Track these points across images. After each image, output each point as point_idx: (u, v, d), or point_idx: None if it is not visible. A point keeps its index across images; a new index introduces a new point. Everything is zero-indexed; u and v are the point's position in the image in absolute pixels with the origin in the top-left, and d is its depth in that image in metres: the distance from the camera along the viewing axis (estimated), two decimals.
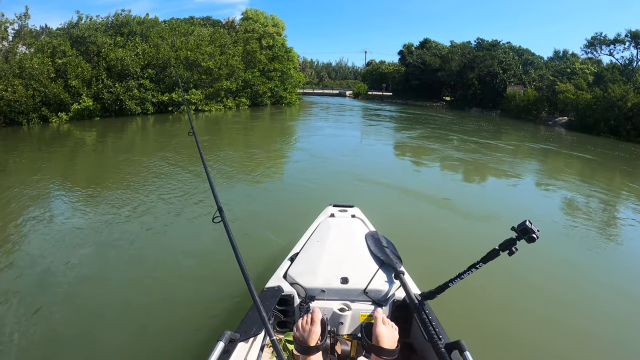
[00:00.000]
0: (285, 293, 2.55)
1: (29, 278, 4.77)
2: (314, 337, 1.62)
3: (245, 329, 2.15)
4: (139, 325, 3.81)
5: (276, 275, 2.77)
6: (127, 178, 9.72)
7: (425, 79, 44.95)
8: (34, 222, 6.78)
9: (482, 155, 14.57)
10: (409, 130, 21.36)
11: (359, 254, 2.90)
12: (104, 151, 15.00)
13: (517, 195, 9.61)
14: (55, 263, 5.14)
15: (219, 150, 14.20)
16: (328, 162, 11.82)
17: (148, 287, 4.54)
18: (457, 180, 10.57)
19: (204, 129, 21.50)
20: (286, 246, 4.53)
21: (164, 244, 5.79)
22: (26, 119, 20.83)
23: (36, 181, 9.54)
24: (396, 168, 11.93)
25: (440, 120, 26.97)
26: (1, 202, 7.92)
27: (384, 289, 2.52)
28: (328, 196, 7.09)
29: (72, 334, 3.72)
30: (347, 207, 4.04)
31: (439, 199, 8.37)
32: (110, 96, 23.27)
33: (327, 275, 2.61)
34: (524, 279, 4.93)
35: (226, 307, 4.04)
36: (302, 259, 2.89)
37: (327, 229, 3.33)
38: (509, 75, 36.49)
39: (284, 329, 2.61)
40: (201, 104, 27.64)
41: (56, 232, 6.26)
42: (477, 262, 1.91)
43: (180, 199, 7.89)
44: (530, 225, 1.66)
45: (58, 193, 8.72)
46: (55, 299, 4.31)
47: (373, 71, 57.56)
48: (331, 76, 79.51)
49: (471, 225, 6.88)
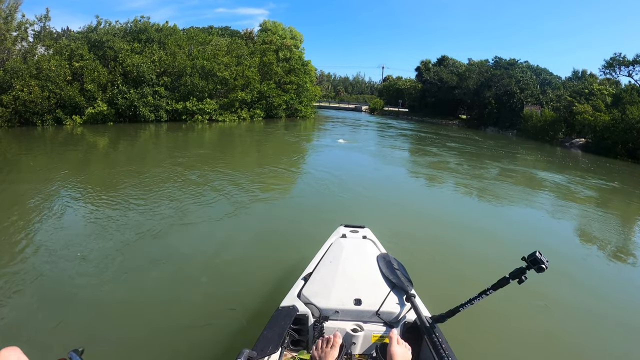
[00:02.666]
0: (299, 313, 2.58)
1: (37, 272, 4.97)
2: (330, 359, 1.68)
3: (261, 347, 2.16)
4: (154, 342, 3.82)
5: (290, 294, 2.80)
6: (138, 184, 9.74)
7: (441, 96, 44.43)
8: (44, 220, 6.91)
9: (498, 179, 14.20)
10: (424, 150, 20.88)
11: (372, 276, 2.96)
12: (116, 156, 14.89)
13: (530, 220, 9.29)
14: (62, 262, 5.30)
15: (231, 163, 13.97)
16: (339, 181, 11.60)
17: (162, 301, 4.52)
18: (470, 205, 10.32)
19: (216, 139, 21.37)
20: (298, 265, 4.45)
21: (176, 257, 5.73)
22: (41, 120, 20.86)
23: (48, 181, 9.65)
24: (408, 189, 11.67)
25: (457, 140, 26.40)
26: (14, 200, 8.12)
27: (395, 311, 2.57)
28: (339, 216, 7.11)
29: (82, 338, 3.76)
30: (358, 227, 4.05)
31: (450, 223, 8.27)
32: (125, 102, 23.25)
33: (341, 296, 2.67)
34: (534, 307, 4.89)
35: (241, 323, 4.04)
36: (315, 280, 2.94)
37: (339, 250, 3.35)
38: (526, 94, 35.85)
39: (297, 347, 2.63)
40: (215, 114, 27.52)
41: (65, 233, 6.35)
42: (488, 289, 1.98)
43: (192, 209, 7.85)
44: (540, 256, 1.74)
45: (69, 194, 8.78)
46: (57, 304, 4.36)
47: (390, 87, 57.22)
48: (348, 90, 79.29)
49: (482, 250, 6.79)
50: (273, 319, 2.49)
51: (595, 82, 32.44)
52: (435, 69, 47.85)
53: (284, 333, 2.34)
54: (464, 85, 41.11)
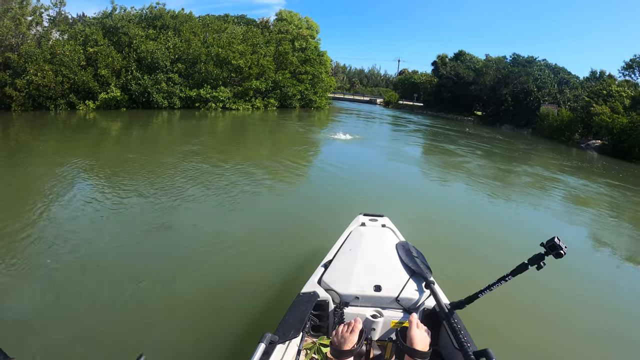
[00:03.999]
0: (320, 299, 2.62)
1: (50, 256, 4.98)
2: (350, 344, 1.68)
3: (283, 331, 2.21)
4: (181, 324, 3.89)
5: (311, 281, 2.84)
6: (151, 170, 9.71)
7: (457, 91, 43.37)
8: (55, 203, 6.94)
9: (515, 176, 13.97)
10: (440, 146, 20.17)
11: (391, 263, 2.98)
12: (128, 142, 14.78)
13: (548, 215, 9.30)
14: (74, 246, 5.32)
15: (245, 152, 13.73)
16: (357, 171, 11.60)
17: (183, 286, 4.57)
18: (487, 197, 10.22)
19: (230, 128, 21.06)
20: (317, 252, 4.52)
21: (195, 244, 5.73)
22: (54, 104, 20.78)
23: (59, 165, 9.67)
24: (426, 182, 11.55)
25: (473, 137, 25.67)
26: (25, 183, 8.21)
27: (414, 297, 2.60)
28: (357, 205, 7.23)
29: (104, 327, 3.78)
30: (377, 216, 4.08)
31: (467, 213, 8.41)
32: (138, 88, 23.08)
33: (361, 283, 2.70)
34: (550, 294, 4.97)
35: (262, 308, 4.13)
36: (336, 266, 2.97)
37: (358, 238, 3.38)
38: (543, 93, 34.53)
39: (317, 332, 2.68)
40: (229, 102, 27.22)
41: (75, 216, 6.38)
42: (506, 275, 1.96)
43: (208, 196, 7.83)
44: (559, 242, 1.73)
45: (80, 177, 8.81)
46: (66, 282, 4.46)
47: (405, 80, 56.37)
48: (363, 83, 78.12)
49: (499, 239, 6.91)
50: (294, 305, 2.52)
51: (613, 83, 30.97)
52: (452, 63, 46.67)
53: (305, 318, 2.38)
54: (481, 81, 40.12)
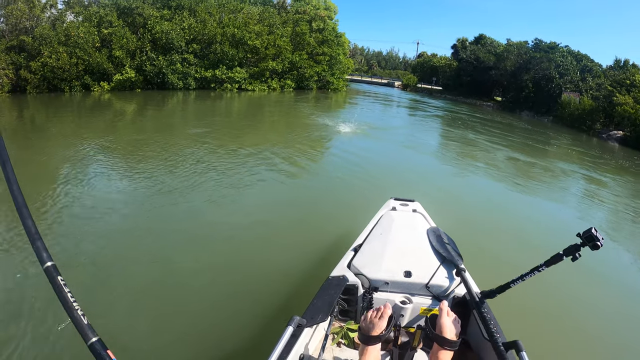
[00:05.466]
0: (349, 283, 2.58)
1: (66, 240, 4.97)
2: (378, 330, 1.65)
3: (311, 315, 2.20)
4: (209, 305, 3.91)
5: (340, 265, 2.79)
6: (166, 150, 9.72)
7: (477, 76, 42.02)
8: (70, 182, 6.99)
9: (542, 164, 13.44)
10: (464, 130, 19.44)
11: (422, 249, 2.91)
12: (143, 123, 14.72)
13: (578, 206, 9.00)
14: (88, 228, 5.28)
15: (265, 133, 13.42)
16: (383, 156, 11.44)
17: (210, 269, 4.59)
18: (516, 185, 9.90)
19: (246, 108, 20.68)
20: (346, 236, 4.38)
21: (222, 226, 5.70)
22: (68, 86, 20.66)
23: (75, 145, 9.75)
24: (453, 168, 11.14)
25: (495, 124, 24.54)
26: (41, 164, 8.29)
27: (445, 284, 2.53)
28: (387, 189, 7.13)
29: (129, 307, 3.82)
30: (408, 201, 4.02)
31: (498, 201, 8.31)
32: (153, 69, 22.81)
33: (391, 268, 2.65)
34: (584, 288, 4.85)
35: (290, 291, 4.12)
36: (366, 251, 2.93)
37: (389, 222, 3.33)
38: (565, 80, 32.90)
39: (345, 317, 2.65)
40: (245, 83, 26.71)
41: (90, 197, 6.39)
42: (540, 265, 1.91)
43: (230, 179, 7.76)
44: (596, 233, 1.67)
45: (95, 158, 8.85)
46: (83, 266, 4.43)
47: (424, 63, 54.88)
48: (381, 65, 76.64)
49: (531, 229, 6.70)
50: (323, 288, 2.50)
51: (637, 73, 29.36)
52: (472, 47, 45.20)
53: (333, 302, 2.36)
54: (501, 66, 38.83)
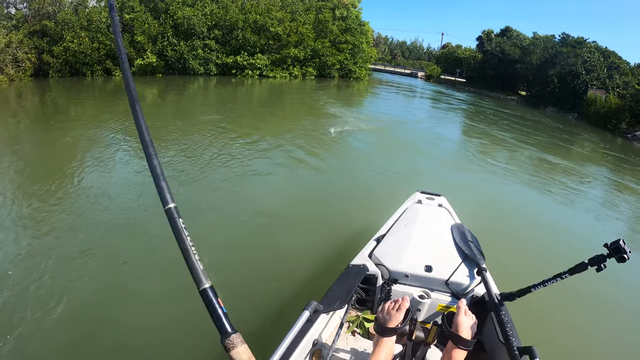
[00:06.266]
0: (369, 272, 2.59)
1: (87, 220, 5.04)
2: (395, 322, 1.65)
3: (329, 301, 2.19)
4: (228, 284, 3.81)
5: (362, 253, 2.79)
6: (184, 134, 9.77)
7: (502, 69, 40.77)
8: (91, 168, 7.03)
9: (574, 163, 12.81)
10: (490, 125, 18.64)
11: (444, 245, 2.86)
12: (164, 108, 14.79)
13: (609, 215, 8.32)
14: (110, 211, 5.35)
15: (288, 122, 13.08)
16: (408, 148, 11.21)
17: (229, 252, 4.61)
18: (544, 189, 9.30)
19: (267, 95, 20.34)
20: (369, 225, 4.24)
21: (244, 210, 5.71)
22: (90, 70, 20.72)
23: (97, 128, 9.85)
24: (481, 165, 10.66)
25: (520, 120, 23.41)
26: (63, 147, 8.31)
27: (465, 282, 2.50)
28: (412, 181, 7.06)
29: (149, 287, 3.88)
30: (434, 195, 3.99)
31: (525, 204, 7.97)
32: (175, 54, 22.65)
33: (412, 261, 2.62)
34: (606, 300, 4.57)
35: (309, 276, 4.13)
36: (388, 242, 2.91)
37: (414, 215, 3.28)
38: (591, 77, 31.43)
39: (362, 306, 2.67)
40: (266, 70, 26.32)
41: (112, 182, 6.43)
42: (563, 273, 1.85)
43: (253, 164, 7.73)
44: (624, 245, 1.63)
45: (117, 142, 8.92)
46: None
47: (448, 54, 53.46)
48: (404, 55, 74.34)
49: (557, 235, 6.46)
50: (343, 276, 2.49)
51: None
52: (497, 39, 43.67)
53: (352, 291, 2.37)
54: (527, 60, 37.54)
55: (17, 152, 7.76)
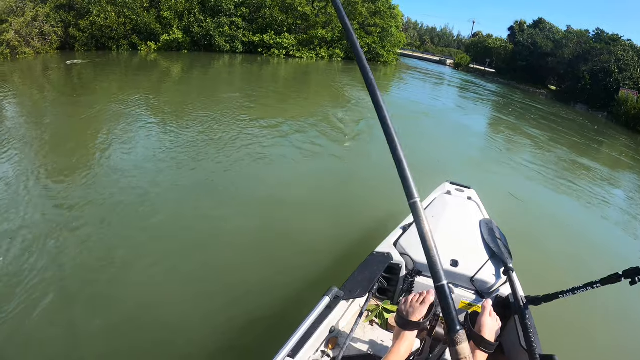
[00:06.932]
0: (393, 261, 2.54)
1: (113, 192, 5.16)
2: (418, 316, 1.54)
3: (350, 288, 2.16)
4: (248, 267, 3.95)
5: (387, 241, 2.73)
6: (207, 112, 9.68)
7: (533, 61, 39.53)
8: (117, 141, 7.12)
9: (610, 168, 11.93)
10: (523, 120, 17.63)
11: (472, 240, 2.78)
12: (188, 84, 14.56)
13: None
14: (132, 187, 5.41)
15: (314, 104, 12.75)
16: (437, 137, 11.00)
17: (249, 235, 4.56)
18: (581, 192, 8.67)
19: (293, 76, 19.81)
20: (395, 213, 4.15)
21: (267, 194, 5.66)
22: (116, 45, 20.55)
23: (121, 102, 9.88)
24: (514, 161, 10.19)
25: (554, 115, 22.37)
26: (88, 119, 8.43)
27: (490, 281, 2.43)
28: (440, 172, 6.87)
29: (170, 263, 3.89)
30: (464, 187, 3.86)
31: (558, 206, 7.60)
32: (201, 30, 22.28)
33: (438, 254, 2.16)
34: (637, 316, 4.30)
35: (331, 262, 4.09)
36: (414, 231, 2.53)
37: (442, 206, 3.22)
38: (624, 76, 30.37)
39: (382, 296, 2.60)
40: (293, 50, 25.75)
41: (135, 156, 6.54)
42: (595, 282, 1.77)
43: (277, 148, 7.63)
44: None
45: (140, 116, 8.98)
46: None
47: (478, 43, 52.05)
48: (434, 42, 72.45)
49: (591, 243, 6.19)
50: (366, 263, 2.45)
51: None
52: (530, 31, 42.42)
53: (374, 279, 2.32)
54: (559, 54, 36.28)
55: (42, 124, 7.91)
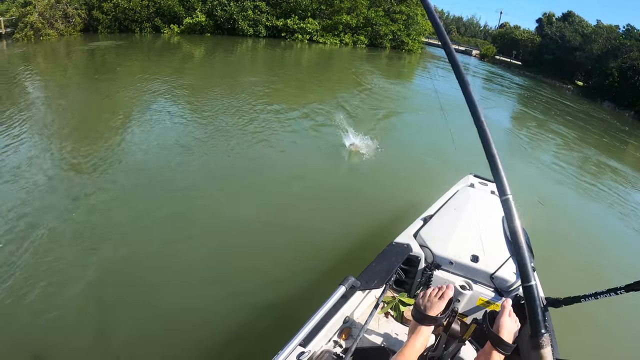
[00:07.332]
0: (413, 253, 2.49)
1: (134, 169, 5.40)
2: (436, 310, 1.51)
3: (367, 278, 2.14)
4: (266, 252, 3.93)
5: (406, 232, 2.70)
6: (229, 96, 9.66)
7: (560, 55, 38.43)
8: (137, 121, 7.33)
9: None
10: (550, 116, 16.78)
11: (494, 236, 2.69)
12: (210, 67, 14.55)
13: None
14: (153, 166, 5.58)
15: (337, 92, 12.32)
16: (462, 129, 10.03)
17: (267, 221, 4.51)
18: (607, 195, 8.27)
19: (316, 61, 19.42)
20: (416, 203, 4.14)
21: (287, 180, 5.65)
22: (139, 27, 20.49)
23: (143, 84, 9.96)
24: (537, 158, 9.91)
25: (582, 113, 21.42)
26: (111, 100, 8.63)
27: (510, 279, 2.34)
28: (464, 164, 6.57)
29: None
30: (488, 181, 3.82)
31: (583, 207, 7.44)
32: (224, 14, 22.02)
33: (459, 248, 2.50)
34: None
35: (348, 250, 4.05)
36: (435, 224, 2.80)
37: (465, 199, 3.13)
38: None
39: (399, 288, 2.57)
40: (316, 35, 25.27)
41: (156, 135, 6.67)
42: (619, 288, 1.70)
43: (300, 127, 7.67)
44: None
45: (161, 98, 9.02)
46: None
47: (505, 35, 50.78)
48: (460, 31, 71.02)
49: (615, 248, 5.93)
50: (384, 253, 2.41)
51: None
52: (558, 24, 41.43)
53: (392, 270, 2.28)
54: (587, 49, 35.49)
55: (64, 104, 8.13)
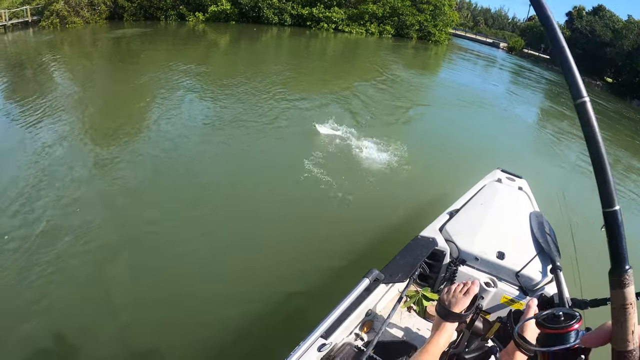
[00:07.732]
0: (438, 247, 2.45)
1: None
2: (460, 307, 1.43)
3: (390, 272, 2.12)
4: (290, 244, 4.00)
5: (432, 226, 2.65)
6: (257, 84, 9.60)
7: (589, 50, 37.47)
8: (161, 107, 7.42)
9: None
10: None
11: (520, 233, 2.64)
12: (236, 55, 14.64)
13: None
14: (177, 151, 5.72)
15: (362, 83, 11.92)
16: (489, 124, 10.70)
17: (293, 212, 4.62)
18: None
19: (340, 52, 19.07)
20: (441, 197, 4.20)
21: (307, 166, 5.67)
22: (164, 15, 20.45)
23: (167, 72, 9.98)
24: (567, 156, 9.62)
25: (612, 112, 20.20)
26: (137, 86, 8.71)
27: (536, 278, 2.30)
28: (491, 158, 6.77)
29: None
30: (515, 176, 3.79)
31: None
32: (249, 2, 21.79)
33: (485, 244, 2.46)
34: None
35: (371, 242, 4.06)
36: (462, 218, 2.76)
37: (492, 195, 3.10)
38: None
39: (422, 282, 2.52)
40: (342, 24, 24.84)
41: (180, 123, 6.76)
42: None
43: (325, 119, 7.46)
44: None
45: (186, 85, 9.04)
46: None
47: (534, 27, 49.65)
48: (487, 23, 69.65)
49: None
50: (409, 247, 2.38)
51: None
52: (588, 18, 40.52)
53: (417, 264, 2.25)
54: (618, 45, 34.62)
55: (91, 90, 8.38)
